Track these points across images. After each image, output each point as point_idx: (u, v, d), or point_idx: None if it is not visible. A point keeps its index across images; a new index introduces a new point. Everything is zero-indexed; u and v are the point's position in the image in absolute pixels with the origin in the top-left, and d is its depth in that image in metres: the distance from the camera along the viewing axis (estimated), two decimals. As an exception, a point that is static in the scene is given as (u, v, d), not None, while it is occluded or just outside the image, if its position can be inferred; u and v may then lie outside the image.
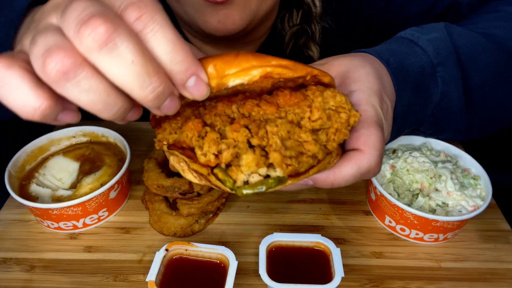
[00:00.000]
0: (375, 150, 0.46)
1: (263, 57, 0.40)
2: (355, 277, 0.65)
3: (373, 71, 0.54)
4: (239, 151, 0.39)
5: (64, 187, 0.73)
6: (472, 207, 0.68)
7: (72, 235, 0.72)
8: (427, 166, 0.72)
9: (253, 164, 0.38)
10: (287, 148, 0.40)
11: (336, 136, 0.43)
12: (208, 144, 0.40)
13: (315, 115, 0.42)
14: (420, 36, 0.65)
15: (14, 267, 0.66)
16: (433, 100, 0.65)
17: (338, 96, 0.43)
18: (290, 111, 0.42)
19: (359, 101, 0.50)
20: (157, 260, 0.60)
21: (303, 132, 0.41)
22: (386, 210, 0.71)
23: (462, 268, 0.67)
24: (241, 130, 0.40)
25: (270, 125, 0.40)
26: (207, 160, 0.40)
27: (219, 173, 0.40)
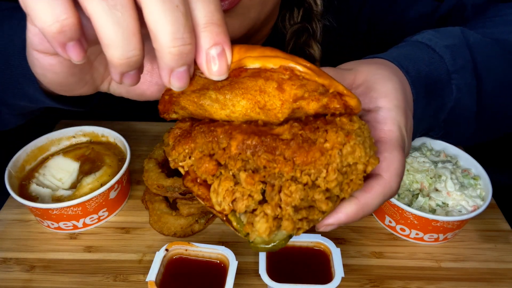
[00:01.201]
0: (397, 176, 0.46)
1: (292, 55, 0.40)
2: (355, 277, 0.65)
3: (400, 86, 0.53)
4: (253, 204, 0.41)
5: (64, 187, 0.73)
6: (472, 207, 0.68)
7: (72, 235, 0.72)
8: (427, 166, 0.72)
9: (266, 233, 0.40)
10: (299, 209, 0.41)
11: (350, 188, 0.42)
12: (223, 195, 0.41)
13: (331, 177, 0.41)
14: (438, 42, 0.65)
15: (14, 267, 0.66)
16: (446, 108, 0.65)
17: (357, 151, 0.41)
18: (306, 171, 0.41)
19: (385, 119, 0.49)
20: (157, 260, 0.60)
21: (317, 194, 0.41)
22: (386, 210, 0.71)
23: (462, 268, 0.67)
24: (256, 184, 0.41)
25: (284, 193, 0.40)
26: (222, 209, 0.42)
27: (234, 222, 0.42)
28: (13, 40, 0.62)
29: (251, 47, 0.40)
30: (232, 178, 0.42)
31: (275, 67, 0.39)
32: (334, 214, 0.44)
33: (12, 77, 0.62)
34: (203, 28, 0.36)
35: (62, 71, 0.45)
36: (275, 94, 0.43)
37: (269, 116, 0.45)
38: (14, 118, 0.76)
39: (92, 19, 0.34)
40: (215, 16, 0.36)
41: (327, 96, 0.43)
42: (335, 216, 0.44)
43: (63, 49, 0.36)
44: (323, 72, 0.41)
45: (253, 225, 0.40)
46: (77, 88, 0.50)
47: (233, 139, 0.43)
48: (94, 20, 0.34)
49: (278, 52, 0.40)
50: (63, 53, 0.36)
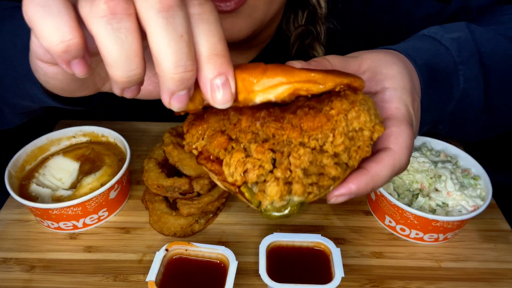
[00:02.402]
0: (406, 148, 0.47)
1: (291, 71, 0.41)
2: (355, 277, 0.65)
3: (406, 70, 0.54)
4: (263, 172, 0.42)
5: (64, 187, 0.73)
6: (472, 207, 0.68)
7: (72, 235, 0.72)
8: (427, 166, 0.72)
9: (277, 196, 0.41)
10: (309, 175, 0.41)
11: (358, 154, 0.43)
12: (234, 166, 0.42)
13: (338, 141, 0.42)
14: (444, 35, 0.66)
15: (14, 267, 0.66)
16: (453, 98, 0.65)
17: (362, 116, 0.43)
18: (313, 136, 0.42)
19: (391, 98, 0.50)
20: (157, 260, 0.60)
21: (325, 158, 0.42)
22: (386, 210, 0.71)
23: (462, 268, 0.67)
24: (266, 153, 0.42)
25: (293, 156, 0.41)
26: (234, 180, 0.43)
27: (246, 193, 0.43)
28: (14, 40, 0.62)
29: (254, 74, 0.41)
30: (243, 151, 0.43)
31: (282, 96, 0.41)
32: (345, 184, 0.44)
33: (14, 78, 0.62)
34: (207, 59, 0.37)
35: (65, 79, 0.46)
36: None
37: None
38: (16, 118, 0.76)
39: (96, 39, 0.35)
40: (219, 47, 0.37)
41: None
42: (346, 186, 0.44)
43: (67, 66, 0.37)
44: (328, 75, 0.42)
45: (265, 191, 0.41)
46: (79, 92, 0.51)
47: (244, 114, 0.45)
48: (98, 40, 0.35)
49: (280, 75, 0.41)
50: (67, 69, 0.37)
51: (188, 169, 0.69)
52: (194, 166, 0.68)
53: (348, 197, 0.45)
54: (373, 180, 0.45)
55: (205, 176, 0.70)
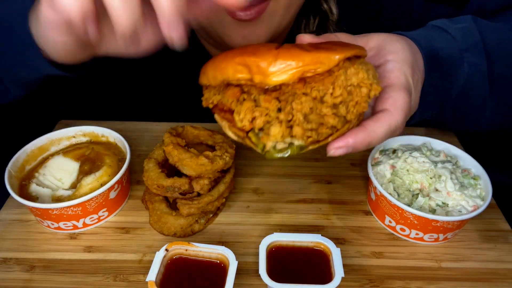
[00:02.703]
0: (402, 110, 0.52)
1: (299, 55, 0.46)
2: (355, 277, 0.65)
3: (408, 47, 0.59)
4: (269, 119, 0.47)
5: (64, 187, 0.73)
6: (472, 207, 0.68)
7: (72, 235, 0.72)
8: (427, 166, 0.72)
9: (279, 135, 0.46)
10: (309, 121, 0.47)
11: (355, 109, 0.48)
12: (244, 112, 0.48)
13: (337, 92, 0.47)
14: (450, 25, 0.71)
15: (14, 267, 0.66)
16: (458, 83, 0.70)
17: (360, 73, 0.48)
18: (315, 87, 0.47)
19: (393, 68, 0.55)
20: (157, 260, 0.60)
21: (324, 107, 0.47)
22: (386, 210, 0.71)
23: (462, 268, 0.67)
24: (272, 101, 0.47)
25: (295, 102, 0.47)
26: (243, 125, 0.48)
27: (253, 137, 0.49)
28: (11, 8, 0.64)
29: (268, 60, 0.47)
30: (253, 101, 0.48)
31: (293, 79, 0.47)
32: (343, 138, 0.49)
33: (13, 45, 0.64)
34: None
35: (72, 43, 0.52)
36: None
37: None
38: (16, 89, 0.77)
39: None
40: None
41: None
42: (344, 139, 0.49)
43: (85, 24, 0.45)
44: (332, 52, 0.47)
45: (269, 134, 0.47)
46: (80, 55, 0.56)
47: None
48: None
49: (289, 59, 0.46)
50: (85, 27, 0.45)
51: (188, 169, 0.69)
52: (194, 166, 0.68)
53: (346, 150, 0.49)
54: (370, 136, 0.49)
55: (205, 176, 0.70)
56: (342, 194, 0.81)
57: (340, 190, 0.82)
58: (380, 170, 0.75)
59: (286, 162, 0.87)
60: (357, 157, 0.89)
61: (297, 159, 0.88)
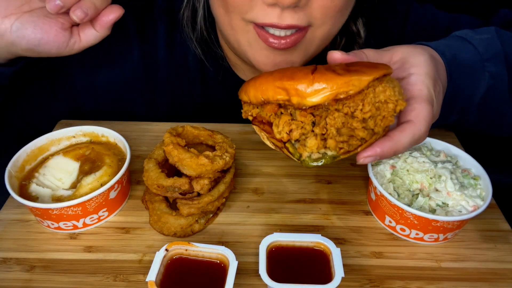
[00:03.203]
0: (425, 121, 0.56)
1: (333, 79, 0.51)
2: (355, 277, 0.65)
3: (431, 59, 0.62)
4: (304, 132, 0.53)
5: (64, 187, 0.73)
6: (472, 207, 0.68)
7: (72, 235, 0.72)
8: (427, 167, 0.72)
9: (314, 147, 0.53)
10: (341, 134, 0.52)
11: (383, 122, 0.53)
12: (282, 125, 0.54)
13: (366, 108, 0.52)
14: (473, 36, 0.74)
15: (14, 267, 0.66)
16: (479, 91, 0.73)
17: (388, 91, 0.53)
18: (347, 104, 0.53)
19: (416, 82, 0.59)
20: (157, 260, 0.60)
21: (355, 122, 0.53)
22: (386, 210, 0.71)
23: (462, 268, 0.67)
24: (308, 116, 0.53)
25: (329, 118, 0.52)
26: (281, 137, 0.55)
27: (290, 148, 0.55)
28: None
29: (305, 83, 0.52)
30: (289, 115, 0.54)
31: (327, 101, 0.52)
32: (371, 148, 0.54)
33: None
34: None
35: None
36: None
37: None
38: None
39: None
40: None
41: None
42: (372, 149, 0.54)
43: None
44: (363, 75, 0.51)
45: (305, 145, 0.53)
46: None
47: None
48: None
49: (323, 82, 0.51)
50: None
51: (188, 169, 0.69)
52: (194, 166, 0.68)
53: (374, 159, 0.54)
54: (395, 145, 0.54)
55: (205, 176, 0.70)
56: (342, 194, 0.81)
57: (340, 190, 0.82)
58: (380, 170, 0.75)
59: (286, 162, 0.87)
60: (357, 157, 0.89)
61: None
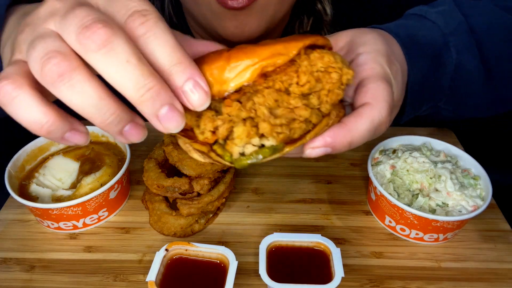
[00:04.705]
0: (384, 102, 0.46)
1: (254, 51, 0.41)
2: (355, 277, 0.65)
3: (381, 37, 0.54)
4: (233, 125, 0.40)
5: (64, 187, 0.73)
6: (472, 207, 0.68)
7: (72, 235, 0.72)
8: (427, 167, 0.72)
9: (244, 135, 0.40)
10: (277, 116, 0.40)
11: (329, 97, 0.42)
12: (204, 122, 0.41)
13: (302, 80, 0.41)
14: (428, 10, 0.66)
15: (14, 267, 0.66)
16: (448, 70, 0.64)
17: (326, 57, 0.42)
18: (277, 79, 0.41)
19: (365, 60, 0.49)
20: (157, 260, 0.60)
21: (292, 99, 0.41)
22: (386, 210, 0.71)
23: (462, 268, 0.67)
24: (233, 104, 0.41)
25: (257, 96, 0.40)
26: (205, 138, 0.42)
27: (218, 149, 0.42)
28: None
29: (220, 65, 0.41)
30: (213, 111, 0.42)
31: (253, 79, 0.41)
32: (320, 137, 0.43)
33: None
34: (169, 71, 0.37)
35: None
36: None
37: None
38: None
39: (63, 101, 0.36)
40: (175, 55, 0.37)
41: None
42: (321, 138, 0.43)
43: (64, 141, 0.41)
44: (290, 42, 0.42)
45: (233, 137, 0.40)
46: None
47: None
48: (64, 101, 0.36)
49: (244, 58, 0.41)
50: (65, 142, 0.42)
51: (188, 169, 0.69)
52: (194, 166, 0.68)
53: (324, 150, 0.44)
54: (350, 133, 0.44)
55: (205, 176, 0.70)
56: (342, 194, 0.81)
57: (340, 190, 0.82)
58: (380, 170, 0.75)
59: (286, 162, 0.87)
60: (357, 157, 0.89)
61: (297, 159, 0.88)
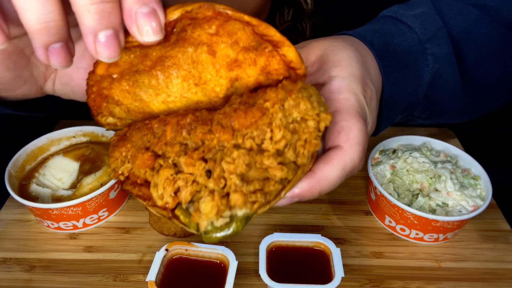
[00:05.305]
0: (357, 145, 0.42)
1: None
2: (355, 277, 0.65)
3: (356, 54, 0.49)
4: (198, 188, 0.36)
5: (64, 187, 0.73)
6: (472, 207, 0.68)
7: (72, 235, 0.72)
8: (427, 167, 0.72)
9: (213, 212, 0.34)
10: (250, 181, 0.35)
11: (306, 149, 0.37)
12: (163, 185, 0.36)
13: (277, 136, 0.36)
14: (404, 13, 0.61)
15: (14, 267, 0.66)
16: (424, 81, 0.60)
17: (302, 104, 0.37)
18: (248, 134, 0.36)
19: (339, 88, 0.45)
20: (157, 260, 0.60)
21: (265, 158, 0.36)
22: (386, 210, 0.71)
23: (462, 268, 0.67)
24: (197, 164, 0.36)
25: (225, 162, 0.35)
26: (165, 203, 0.37)
27: (181, 216, 0.37)
28: None
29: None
30: (172, 167, 0.37)
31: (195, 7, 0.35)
32: None
33: None
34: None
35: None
36: (208, 61, 0.40)
37: (208, 93, 0.42)
38: None
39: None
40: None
41: (264, 54, 0.39)
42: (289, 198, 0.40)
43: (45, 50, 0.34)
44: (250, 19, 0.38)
45: (199, 211, 0.35)
46: (17, 86, 0.46)
47: (168, 124, 0.39)
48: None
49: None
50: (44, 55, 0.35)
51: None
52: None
53: (291, 201, 0.41)
54: (319, 183, 0.40)
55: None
56: (342, 194, 0.81)
57: (340, 190, 0.82)
58: (380, 170, 0.75)
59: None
60: (357, 157, 0.89)
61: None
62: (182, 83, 0.41)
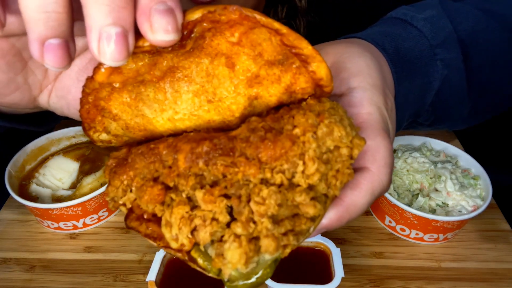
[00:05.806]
0: (385, 167, 0.38)
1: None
2: (355, 277, 0.65)
3: (373, 62, 0.46)
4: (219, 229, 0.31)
5: (64, 187, 0.73)
6: (472, 207, 0.68)
7: (72, 235, 0.72)
8: (427, 167, 0.72)
9: (241, 261, 0.30)
10: (280, 221, 0.31)
11: (338, 180, 0.33)
12: (178, 225, 0.31)
13: (310, 169, 0.31)
14: (414, 16, 0.58)
15: (14, 267, 0.66)
16: (433, 87, 0.58)
17: (336, 130, 0.32)
18: (277, 168, 0.31)
19: (361, 101, 0.41)
20: (157, 260, 0.60)
21: (298, 195, 0.31)
22: (386, 210, 0.71)
23: (462, 268, 0.67)
24: (218, 201, 0.31)
25: (254, 202, 0.30)
26: (180, 245, 0.32)
27: (198, 258, 0.33)
28: None
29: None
30: (187, 202, 0.32)
31: (219, 8, 0.31)
32: None
33: None
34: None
35: None
36: (225, 75, 0.35)
37: (222, 112, 0.36)
38: None
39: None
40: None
41: (290, 70, 0.34)
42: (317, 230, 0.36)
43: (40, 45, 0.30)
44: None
45: (224, 256, 0.31)
46: (6, 92, 0.41)
47: (179, 152, 0.33)
48: None
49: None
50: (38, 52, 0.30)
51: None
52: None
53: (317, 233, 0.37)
54: (348, 212, 0.36)
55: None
56: (342, 194, 0.81)
57: (340, 190, 0.82)
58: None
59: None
60: (357, 157, 0.89)
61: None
62: (193, 98, 0.35)
